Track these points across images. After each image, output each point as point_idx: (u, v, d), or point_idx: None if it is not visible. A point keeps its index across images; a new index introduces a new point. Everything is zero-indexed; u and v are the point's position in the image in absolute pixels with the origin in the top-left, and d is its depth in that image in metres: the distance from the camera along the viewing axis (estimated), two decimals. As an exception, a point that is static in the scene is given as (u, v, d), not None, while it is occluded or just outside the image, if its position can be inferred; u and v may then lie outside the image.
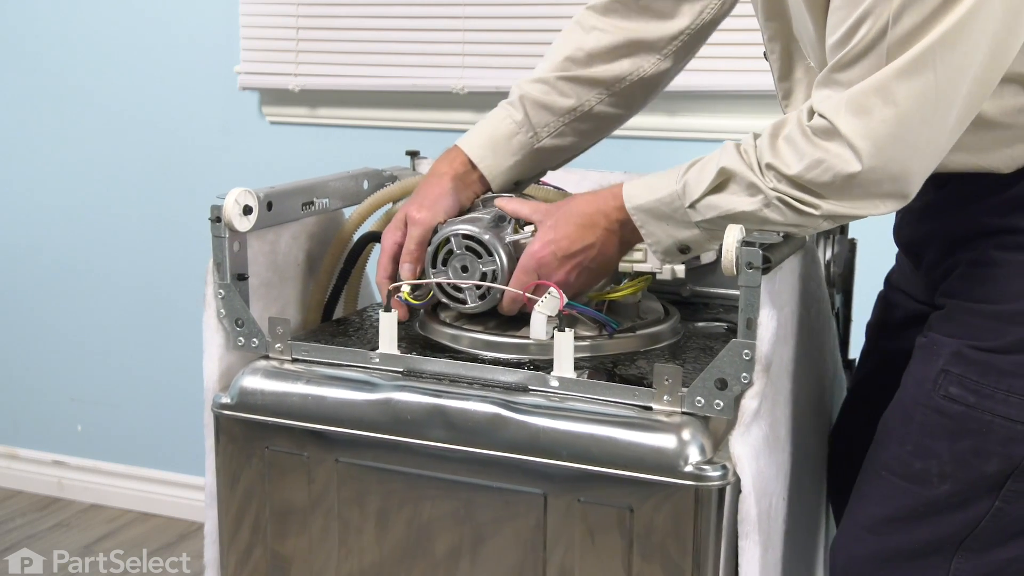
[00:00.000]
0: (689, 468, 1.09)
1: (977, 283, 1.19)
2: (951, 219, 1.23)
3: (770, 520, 1.16)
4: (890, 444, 1.23)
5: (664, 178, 1.19)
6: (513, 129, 1.41)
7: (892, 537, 1.21)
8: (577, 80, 1.41)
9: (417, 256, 1.33)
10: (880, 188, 1.08)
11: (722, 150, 1.15)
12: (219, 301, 1.31)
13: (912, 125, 1.05)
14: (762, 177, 1.11)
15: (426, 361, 1.24)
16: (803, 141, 1.09)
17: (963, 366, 1.17)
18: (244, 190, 1.30)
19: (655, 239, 1.20)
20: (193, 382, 1.58)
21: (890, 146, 1.05)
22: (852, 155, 1.06)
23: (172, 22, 2.71)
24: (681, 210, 1.16)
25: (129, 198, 2.83)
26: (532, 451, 1.14)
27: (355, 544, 1.25)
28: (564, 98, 1.41)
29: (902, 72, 1.04)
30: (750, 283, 1.07)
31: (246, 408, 1.28)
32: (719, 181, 1.13)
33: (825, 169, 1.07)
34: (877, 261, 1.82)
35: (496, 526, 1.18)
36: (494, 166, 1.40)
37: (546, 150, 1.43)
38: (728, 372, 1.09)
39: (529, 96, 1.41)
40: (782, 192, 1.10)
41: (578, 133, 1.44)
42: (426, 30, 2.47)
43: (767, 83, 2.14)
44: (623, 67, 1.42)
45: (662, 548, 1.11)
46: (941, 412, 1.17)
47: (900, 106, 1.04)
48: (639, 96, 1.45)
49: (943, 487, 1.17)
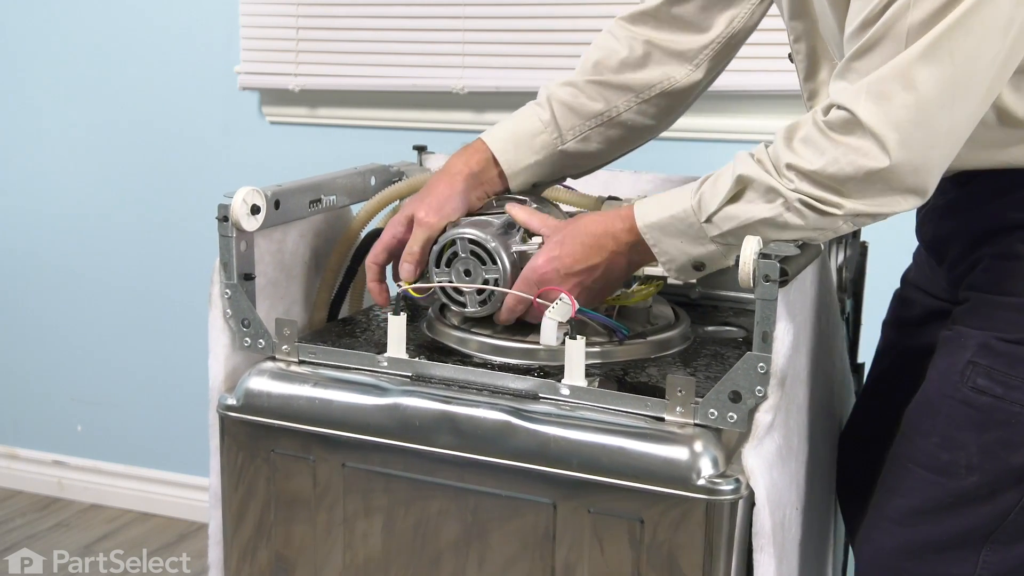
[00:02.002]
0: (701, 481, 1.07)
1: (1004, 276, 1.19)
2: (975, 216, 1.22)
3: (784, 531, 1.14)
4: (915, 437, 1.22)
5: (677, 195, 1.18)
6: (539, 127, 1.40)
7: (920, 529, 1.21)
8: (607, 85, 1.40)
9: (419, 259, 1.32)
10: (904, 182, 1.06)
11: (735, 161, 1.14)
12: (225, 301, 1.30)
13: (932, 111, 1.04)
14: (781, 179, 1.09)
15: (435, 366, 1.23)
16: (822, 138, 1.07)
17: (991, 358, 1.16)
18: (252, 189, 1.29)
19: (668, 257, 1.18)
20: (193, 382, 1.57)
21: (912, 134, 1.04)
22: (878, 148, 1.04)
23: (172, 22, 2.70)
24: (696, 226, 1.15)
25: (129, 198, 2.82)
26: (541, 460, 1.13)
27: (360, 549, 1.24)
28: (592, 102, 1.40)
29: (921, 57, 1.02)
30: (767, 296, 1.05)
31: (252, 410, 1.27)
32: (736, 190, 1.12)
33: (849, 163, 1.05)
34: (887, 263, 1.82)
35: (504, 535, 1.17)
36: (514, 162, 1.39)
37: (569, 154, 1.42)
38: (742, 385, 1.08)
39: (557, 97, 1.40)
40: (803, 192, 1.08)
41: (605, 140, 1.43)
42: (426, 30, 2.47)
43: (779, 83, 2.15)
44: (653, 75, 1.41)
45: (672, 561, 1.09)
46: (968, 404, 1.17)
47: (920, 91, 1.03)
48: (669, 106, 1.44)
49: (971, 479, 1.17)
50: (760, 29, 1.49)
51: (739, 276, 1.06)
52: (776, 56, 2.14)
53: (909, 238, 1.41)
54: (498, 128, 1.41)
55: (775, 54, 2.16)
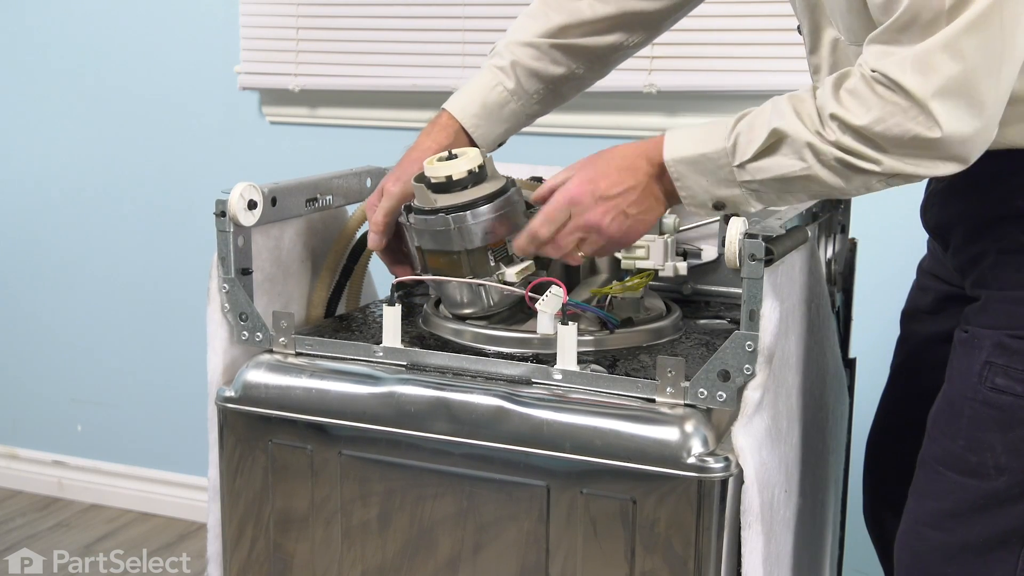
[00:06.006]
0: (692, 460, 1.09)
1: (1011, 271, 1.19)
2: (975, 201, 1.22)
3: (772, 511, 1.16)
4: (941, 440, 1.23)
5: (711, 132, 1.16)
6: (506, 98, 1.42)
7: (955, 532, 1.21)
8: (570, 49, 1.42)
9: (383, 228, 1.35)
10: (951, 151, 1.06)
11: (773, 107, 1.12)
12: (223, 295, 1.32)
13: (978, 80, 1.03)
14: (824, 128, 1.08)
15: (429, 355, 1.25)
16: (870, 93, 1.06)
17: (1007, 356, 1.17)
18: (249, 184, 1.30)
19: (690, 192, 1.17)
20: (193, 382, 1.58)
21: (958, 105, 1.04)
22: (929, 118, 1.04)
23: (172, 22, 2.71)
24: (727, 168, 1.13)
25: (129, 198, 2.83)
26: (535, 443, 1.15)
27: (358, 536, 1.26)
28: (555, 66, 1.42)
29: (970, 26, 1.02)
30: (753, 275, 1.08)
31: (250, 401, 1.28)
32: (771, 142, 1.10)
33: (897, 123, 1.05)
34: (877, 261, 1.83)
35: (499, 518, 1.19)
36: (487, 134, 1.41)
37: (529, 115, 1.45)
38: (731, 364, 1.10)
39: (521, 63, 1.41)
40: (843, 145, 1.07)
41: (558, 96, 1.46)
42: (426, 30, 2.48)
43: (768, 83, 2.17)
44: (613, 39, 1.43)
45: (665, 540, 1.11)
46: (989, 404, 1.17)
47: (968, 61, 1.03)
48: (617, 63, 1.47)
49: (1001, 479, 1.17)
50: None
51: (725, 256, 1.08)
52: (776, 56, 2.18)
53: (899, 236, 1.42)
54: (464, 101, 1.41)
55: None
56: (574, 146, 1.95)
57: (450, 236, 1.25)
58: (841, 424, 1.58)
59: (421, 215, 1.27)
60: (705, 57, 2.16)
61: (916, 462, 1.27)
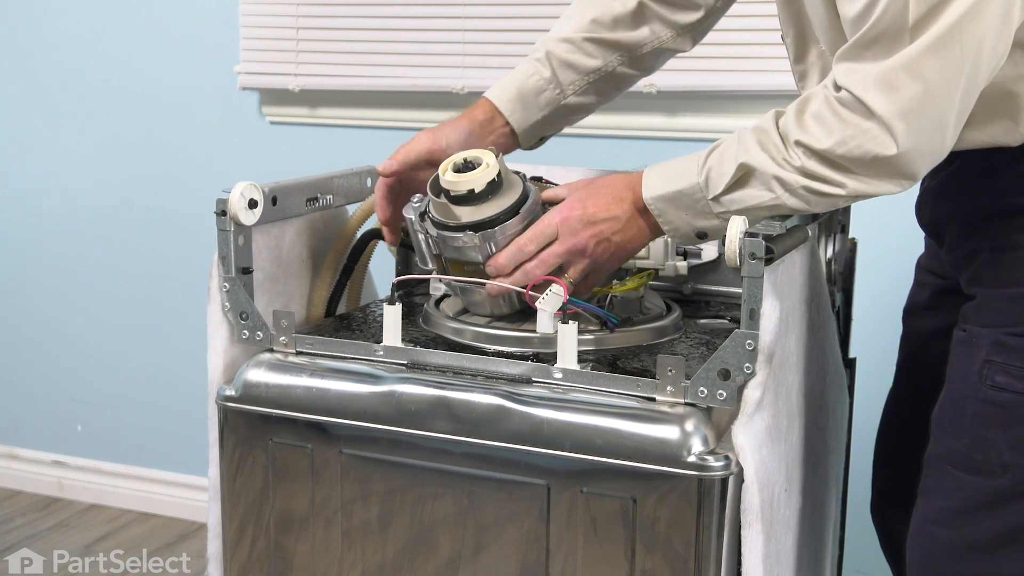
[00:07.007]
0: (692, 459, 1.09)
1: (1004, 269, 1.20)
2: (966, 198, 1.24)
3: (773, 510, 1.16)
4: (946, 438, 1.24)
5: (683, 168, 1.20)
6: (541, 85, 1.43)
7: (963, 530, 1.22)
8: (602, 43, 1.44)
9: (381, 207, 1.39)
10: (903, 168, 1.08)
11: (739, 140, 1.16)
12: (224, 294, 1.32)
13: (938, 101, 1.06)
14: (788, 153, 1.12)
15: (430, 354, 1.25)
16: (833, 117, 1.09)
17: (1005, 354, 1.18)
18: (249, 184, 1.31)
19: (673, 226, 1.21)
20: (193, 382, 1.58)
21: (919, 124, 1.06)
22: (888, 137, 1.06)
23: (172, 22, 2.72)
24: (703, 202, 1.18)
25: (129, 198, 2.83)
26: (536, 442, 1.15)
27: (359, 536, 1.26)
28: (590, 58, 1.44)
29: (930, 48, 1.04)
30: (753, 273, 1.08)
31: (250, 400, 1.28)
32: (739, 176, 1.14)
33: (858, 145, 1.08)
34: (877, 261, 1.83)
35: (500, 517, 1.19)
36: (524, 120, 1.43)
37: (570, 107, 1.46)
38: (731, 362, 1.10)
39: (555, 54, 1.44)
40: (809, 171, 1.11)
41: (599, 92, 1.47)
42: (426, 30, 2.48)
43: (767, 83, 2.17)
44: (643, 34, 1.45)
45: (665, 538, 1.11)
46: (991, 402, 1.19)
47: (928, 82, 1.05)
48: (656, 62, 1.50)
49: (1006, 476, 1.18)
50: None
51: (726, 255, 1.08)
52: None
53: (899, 236, 1.43)
54: (501, 88, 1.44)
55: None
56: (574, 146, 1.96)
57: (477, 250, 1.26)
58: (841, 424, 1.58)
59: (446, 231, 1.27)
60: (705, 57, 2.16)
61: (923, 460, 1.28)
